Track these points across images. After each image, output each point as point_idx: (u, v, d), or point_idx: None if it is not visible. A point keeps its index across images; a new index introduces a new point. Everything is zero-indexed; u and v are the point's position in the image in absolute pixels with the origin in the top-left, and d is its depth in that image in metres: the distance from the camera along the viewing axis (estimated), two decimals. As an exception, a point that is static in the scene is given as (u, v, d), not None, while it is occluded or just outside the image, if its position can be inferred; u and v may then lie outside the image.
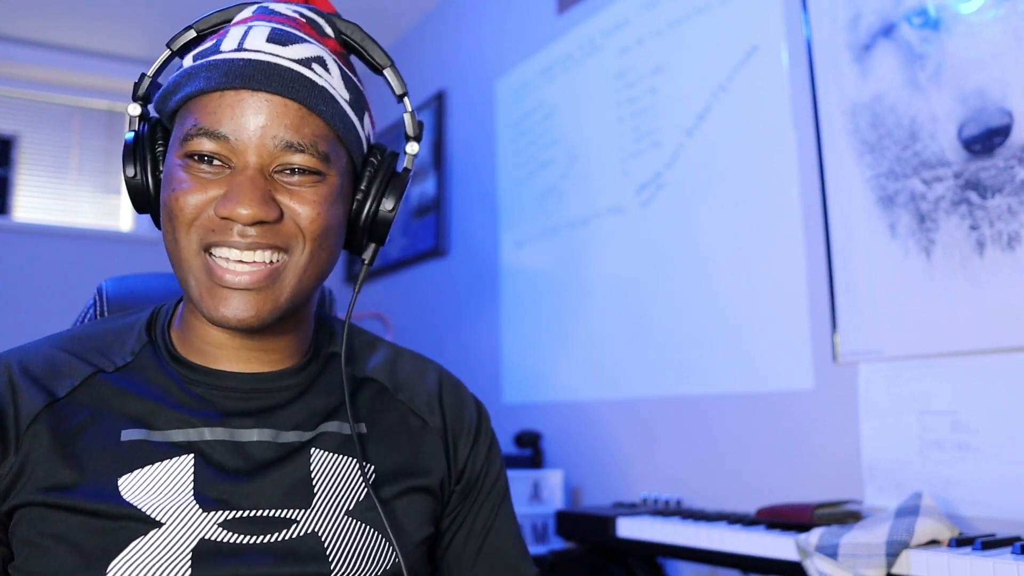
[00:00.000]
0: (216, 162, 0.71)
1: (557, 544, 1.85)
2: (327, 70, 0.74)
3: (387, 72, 0.82)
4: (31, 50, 3.37)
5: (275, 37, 0.73)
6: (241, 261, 0.71)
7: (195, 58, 0.74)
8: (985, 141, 1.31)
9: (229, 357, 0.78)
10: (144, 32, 3.33)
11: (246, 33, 0.73)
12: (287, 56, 0.72)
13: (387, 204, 0.80)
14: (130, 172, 0.76)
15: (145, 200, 0.78)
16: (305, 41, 0.74)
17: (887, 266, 1.44)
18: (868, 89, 1.49)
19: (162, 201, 0.73)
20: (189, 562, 0.69)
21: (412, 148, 0.83)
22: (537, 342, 2.35)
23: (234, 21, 0.77)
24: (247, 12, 0.78)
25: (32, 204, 3.45)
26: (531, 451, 2.13)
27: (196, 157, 0.71)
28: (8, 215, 3.36)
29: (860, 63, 1.51)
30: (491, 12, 2.72)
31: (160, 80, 0.81)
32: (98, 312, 0.96)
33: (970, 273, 1.32)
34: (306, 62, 0.73)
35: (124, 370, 0.77)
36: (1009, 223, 1.28)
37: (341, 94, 0.75)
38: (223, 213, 0.69)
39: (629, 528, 1.52)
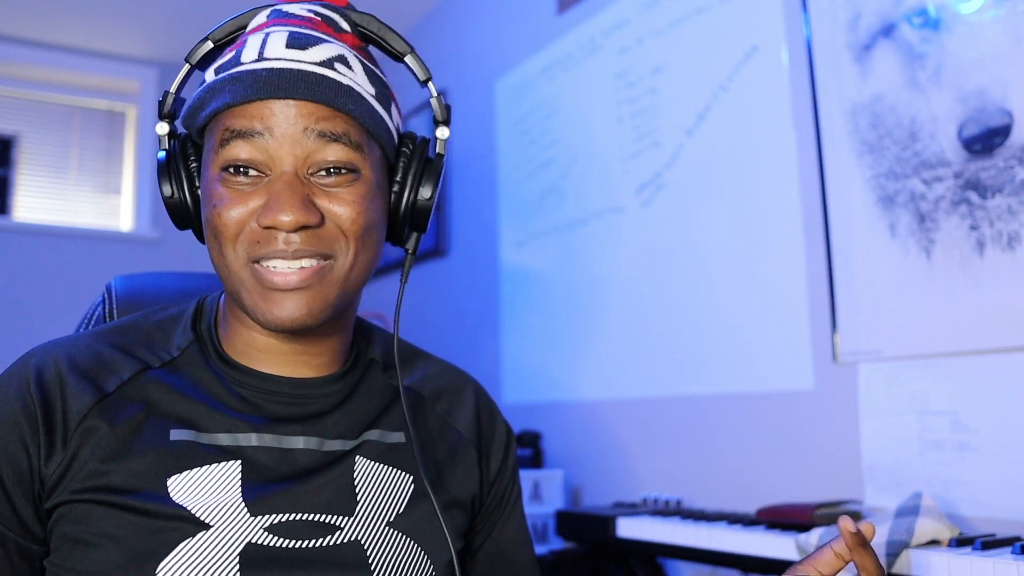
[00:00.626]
0: (252, 172, 0.71)
1: (557, 544, 1.85)
2: (350, 67, 0.74)
3: (408, 59, 0.81)
4: (31, 50, 3.37)
5: (294, 42, 0.72)
6: (288, 270, 0.71)
7: (217, 71, 0.74)
8: (985, 141, 1.31)
9: (275, 361, 0.78)
10: (144, 32, 3.33)
11: (264, 41, 0.73)
12: (309, 60, 0.72)
13: (425, 192, 0.79)
14: (167, 191, 0.76)
15: (186, 217, 0.78)
16: (324, 41, 0.74)
17: (887, 266, 1.44)
18: (868, 89, 1.49)
19: (204, 219, 0.74)
20: (237, 565, 0.69)
21: (443, 132, 0.82)
22: (537, 342, 2.35)
23: (249, 28, 0.77)
24: (261, 17, 0.77)
25: (32, 204, 3.46)
26: (531, 451, 2.13)
27: (232, 169, 0.71)
28: (8, 215, 3.36)
29: (860, 63, 1.51)
30: (491, 12, 2.72)
31: (184, 95, 0.80)
32: (106, 310, 0.94)
33: (970, 273, 1.32)
34: (328, 63, 0.72)
35: (170, 366, 0.77)
36: (1009, 223, 1.28)
37: (367, 90, 0.75)
38: (265, 223, 0.70)
39: (629, 528, 1.52)
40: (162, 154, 0.77)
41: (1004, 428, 1.27)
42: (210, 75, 0.75)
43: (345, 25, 0.79)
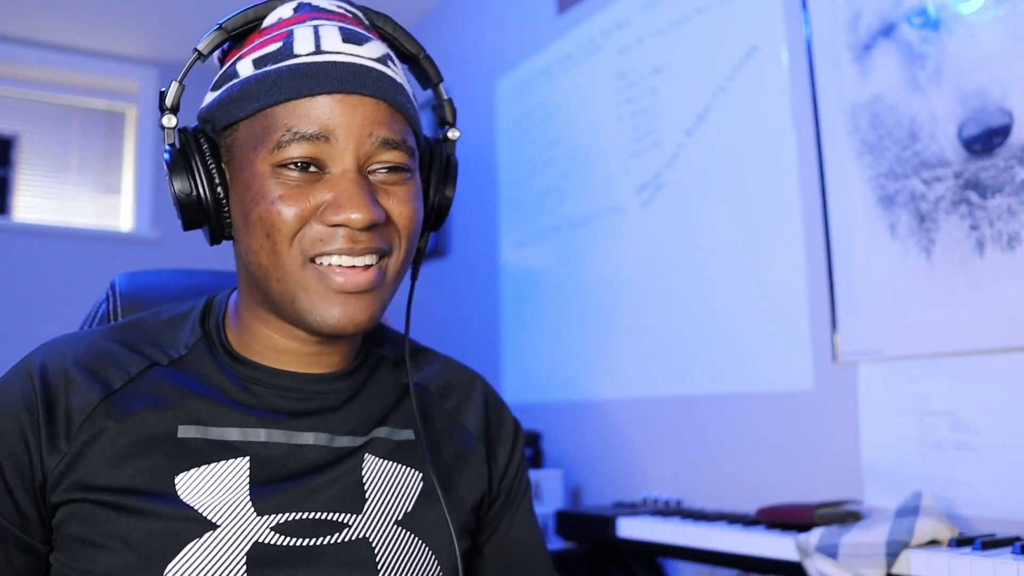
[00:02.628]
0: (312, 168, 0.69)
1: (557, 544, 1.85)
2: (396, 66, 0.74)
3: (422, 60, 0.81)
4: (31, 50, 3.37)
5: (349, 37, 0.71)
6: (353, 267, 0.70)
7: (258, 64, 0.70)
8: (985, 141, 1.31)
9: (288, 360, 0.77)
10: (144, 32, 3.32)
11: (317, 34, 0.70)
12: (366, 56, 0.71)
13: (448, 192, 0.81)
14: (184, 187, 0.71)
15: (200, 216, 0.73)
16: (371, 39, 0.73)
17: (887, 266, 1.44)
18: (868, 89, 1.49)
19: (256, 217, 0.69)
20: (244, 565, 0.69)
21: (454, 134, 0.84)
22: (537, 342, 2.35)
23: (278, 21, 0.73)
24: (286, 10, 0.73)
25: (32, 204, 3.46)
26: (531, 451, 2.13)
27: (289, 165, 0.68)
28: (8, 215, 3.36)
29: (860, 63, 1.51)
30: (491, 12, 2.72)
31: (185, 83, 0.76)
32: (111, 308, 0.93)
33: (970, 273, 1.32)
34: (383, 60, 0.72)
35: (178, 363, 0.76)
36: (1009, 223, 1.28)
37: (409, 89, 0.75)
38: (335, 220, 0.68)
39: (629, 528, 1.52)
40: (173, 147, 0.73)
41: (1004, 428, 1.27)
42: (247, 67, 0.71)
43: (367, 23, 0.78)
